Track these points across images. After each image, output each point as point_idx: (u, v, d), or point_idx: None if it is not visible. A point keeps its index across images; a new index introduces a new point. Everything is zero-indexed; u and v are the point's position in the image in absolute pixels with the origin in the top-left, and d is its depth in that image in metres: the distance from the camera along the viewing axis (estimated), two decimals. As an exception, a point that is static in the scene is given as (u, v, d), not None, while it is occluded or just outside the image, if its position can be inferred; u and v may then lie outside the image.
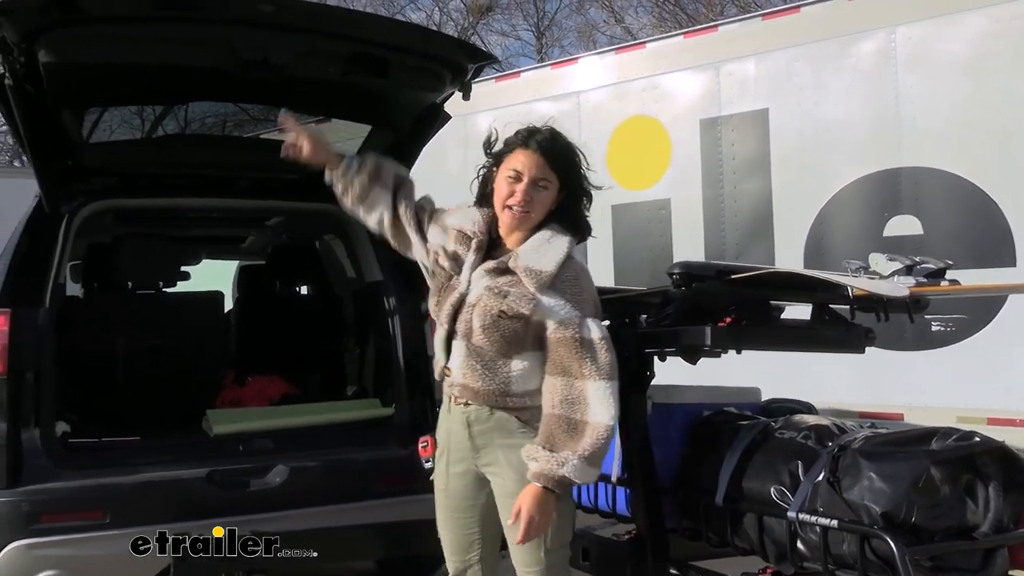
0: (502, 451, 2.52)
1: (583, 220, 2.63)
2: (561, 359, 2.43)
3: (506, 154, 2.54)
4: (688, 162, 6.94)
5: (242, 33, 3.31)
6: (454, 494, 2.63)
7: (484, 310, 2.46)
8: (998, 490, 2.35)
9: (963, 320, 5.77)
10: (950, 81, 5.88)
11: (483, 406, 2.51)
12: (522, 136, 2.54)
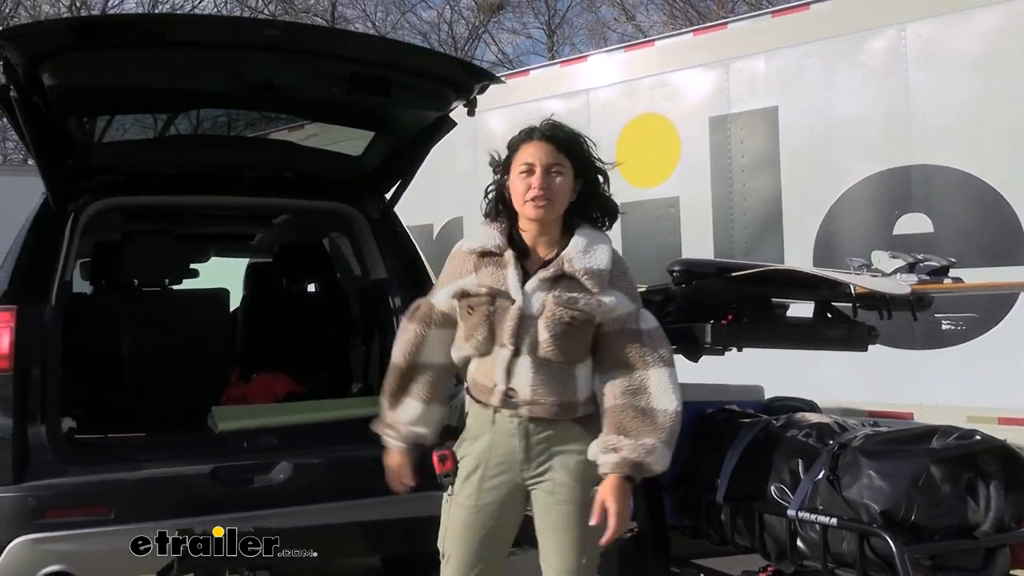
0: (559, 459, 2.45)
1: (609, 201, 2.59)
2: (622, 353, 2.43)
3: (513, 155, 2.50)
4: (697, 160, 6.92)
5: (247, 57, 3.37)
6: (487, 509, 2.49)
7: (552, 320, 2.40)
8: (999, 489, 2.34)
9: (974, 319, 5.73)
10: (961, 78, 5.84)
11: (549, 418, 2.43)
12: (524, 132, 2.53)
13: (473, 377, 2.51)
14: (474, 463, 2.50)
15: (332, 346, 4.60)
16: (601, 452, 2.38)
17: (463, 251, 2.53)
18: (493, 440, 2.48)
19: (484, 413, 2.49)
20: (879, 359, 5.93)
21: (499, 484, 2.48)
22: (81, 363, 3.94)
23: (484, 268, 2.46)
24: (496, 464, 2.48)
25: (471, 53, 25.33)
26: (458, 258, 2.54)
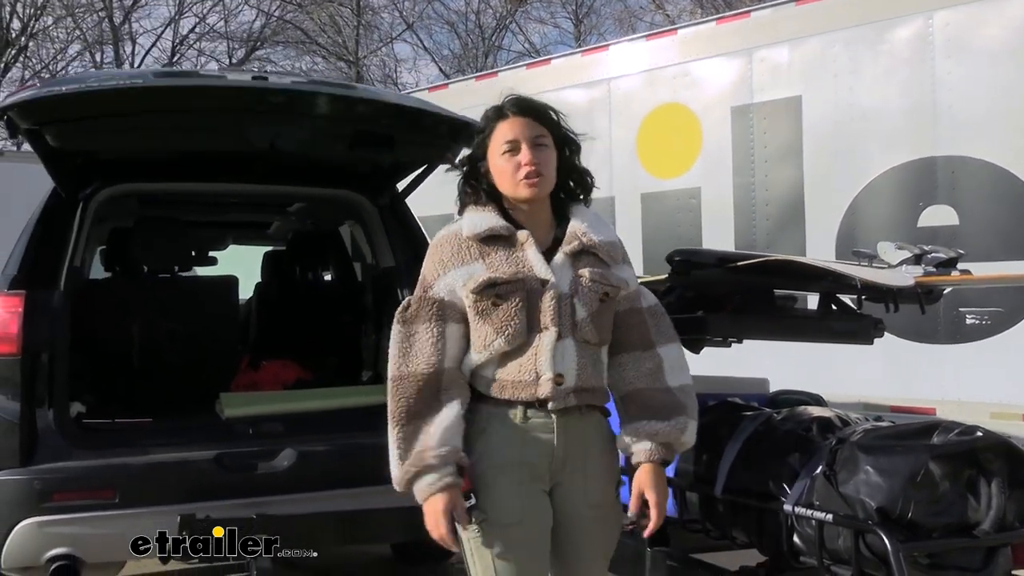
0: (592, 456, 2.25)
1: (586, 174, 2.41)
2: (635, 333, 2.29)
3: (488, 137, 2.29)
4: (719, 150, 6.85)
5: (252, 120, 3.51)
6: (532, 521, 2.19)
7: (588, 297, 2.21)
8: (1001, 487, 2.28)
9: (999, 313, 5.62)
10: (990, 68, 5.72)
11: (582, 408, 2.22)
12: (494, 110, 2.31)
13: (498, 376, 2.20)
14: (510, 474, 2.17)
15: (343, 334, 4.61)
16: (634, 441, 2.21)
17: (461, 238, 2.24)
18: (525, 444, 2.19)
19: (511, 414, 2.20)
20: (901, 353, 5.85)
21: (536, 492, 2.20)
22: (91, 349, 3.98)
23: (494, 254, 2.21)
24: (531, 470, 2.19)
25: (498, 43, 25.29)
26: (453, 246, 2.24)
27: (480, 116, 2.35)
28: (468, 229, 2.25)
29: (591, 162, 3.56)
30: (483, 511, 2.11)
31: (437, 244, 2.29)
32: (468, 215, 2.29)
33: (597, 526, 2.27)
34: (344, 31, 24.16)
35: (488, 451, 2.18)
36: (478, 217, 2.26)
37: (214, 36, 24.79)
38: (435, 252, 2.27)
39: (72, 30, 23.16)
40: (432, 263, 2.27)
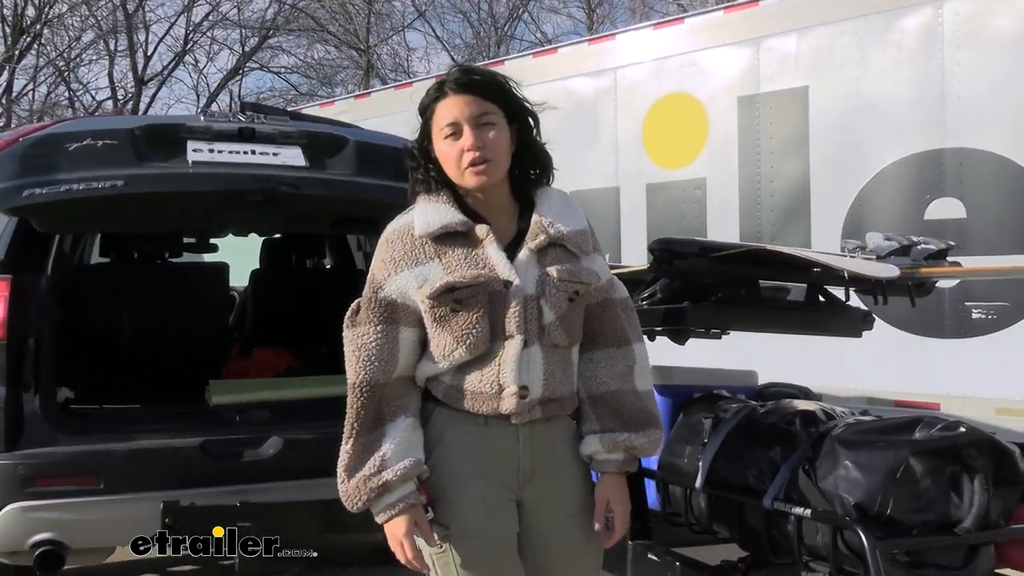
0: (565, 465, 2.11)
1: (544, 151, 2.16)
2: (608, 328, 2.12)
3: (430, 119, 2.06)
4: (725, 140, 6.78)
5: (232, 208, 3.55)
6: (496, 534, 2.03)
7: (556, 298, 2.01)
8: (984, 484, 2.22)
9: (1005, 308, 5.55)
10: (999, 59, 5.63)
11: (555, 415, 2.07)
12: (435, 88, 2.08)
13: (457, 386, 2.01)
14: (473, 485, 2.01)
15: (336, 322, 4.58)
16: (608, 451, 2.07)
17: (413, 235, 2.01)
18: (488, 453, 2.03)
19: (472, 425, 2.02)
20: (906, 347, 5.79)
21: (501, 502, 2.04)
22: (80, 334, 3.97)
23: (450, 252, 1.99)
24: (496, 483, 2.03)
25: (510, 32, 25.23)
26: (406, 243, 2.01)
27: (428, 88, 2.11)
28: (420, 227, 2.01)
29: (596, 152, 3.57)
30: (444, 525, 1.97)
31: (387, 240, 2.04)
32: (420, 207, 2.05)
33: (580, 537, 2.11)
34: (355, 19, 24.15)
35: (448, 460, 2.01)
36: (431, 210, 2.03)
37: (227, 24, 24.87)
38: (385, 249, 2.04)
39: (86, 18, 23.27)
40: (381, 261, 2.03)
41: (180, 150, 3.42)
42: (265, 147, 3.51)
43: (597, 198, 7.39)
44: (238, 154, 3.46)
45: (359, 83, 23.54)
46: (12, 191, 3.22)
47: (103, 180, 3.22)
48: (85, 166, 3.29)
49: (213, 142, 3.47)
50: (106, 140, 3.32)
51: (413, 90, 9.06)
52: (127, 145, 3.35)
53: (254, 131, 3.51)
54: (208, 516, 3.25)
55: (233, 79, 24.41)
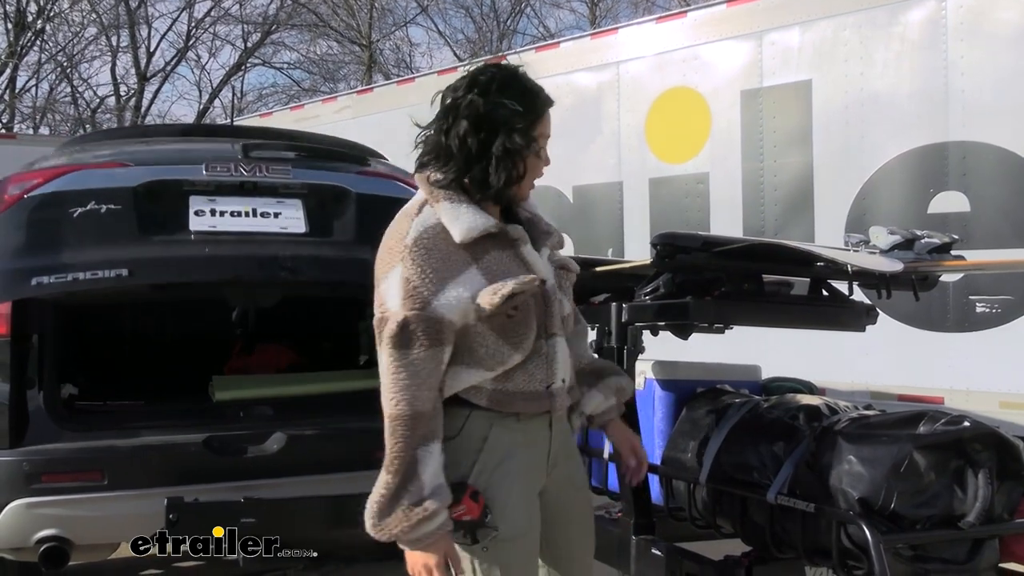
0: (570, 446, 2.21)
1: None
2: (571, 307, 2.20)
3: (538, 122, 2.00)
4: (728, 135, 6.77)
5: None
6: (535, 529, 2.07)
7: (567, 291, 2.11)
8: (988, 478, 2.21)
9: (1009, 301, 5.54)
10: (1003, 51, 5.61)
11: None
12: (545, 92, 2.04)
13: (504, 390, 1.99)
14: (519, 486, 2.02)
15: (340, 318, 4.59)
16: (605, 399, 2.23)
17: (449, 241, 1.92)
18: (528, 447, 2.04)
19: (512, 423, 2.01)
20: (910, 341, 5.78)
21: (535, 498, 2.08)
22: (87, 331, 3.98)
23: (485, 256, 1.93)
24: (533, 478, 2.06)
25: (513, 27, 25.19)
26: (442, 250, 1.91)
27: (522, 85, 1.99)
28: (462, 233, 1.91)
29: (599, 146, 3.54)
30: (494, 527, 1.96)
31: (423, 248, 1.90)
32: (448, 209, 1.93)
33: (588, 509, 2.24)
34: (358, 15, 24.13)
35: (493, 463, 1.99)
36: (465, 214, 1.93)
37: (229, 20, 24.87)
38: (423, 258, 1.89)
39: (88, 13, 23.27)
40: (422, 272, 1.88)
41: (182, 212, 3.43)
42: (267, 202, 3.51)
43: (600, 193, 7.38)
44: (239, 216, 3.46)
45: (361, 78, 23.52)
46: (21, 277, 3.26)
47: (108, 268, 3.24)
48: (90, 241, 3.32)
49: (215, 197, 3.47)
50: (109, 204, 3.33)
51: (416, 85, 9.05)
52: (130, 209, 3.36)
53: (256, 184, 3.52)
54: (212, 512, 3.24)
55: (235, 75, 24.41)
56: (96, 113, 25.23)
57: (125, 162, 3.48)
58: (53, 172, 3.44)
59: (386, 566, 4.59)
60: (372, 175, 3.73)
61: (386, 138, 8.02)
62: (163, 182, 3.45)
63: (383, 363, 1.92)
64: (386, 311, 1.90)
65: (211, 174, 3.48)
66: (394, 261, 1.92)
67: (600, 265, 3.09)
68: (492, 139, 1.94)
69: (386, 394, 1.92)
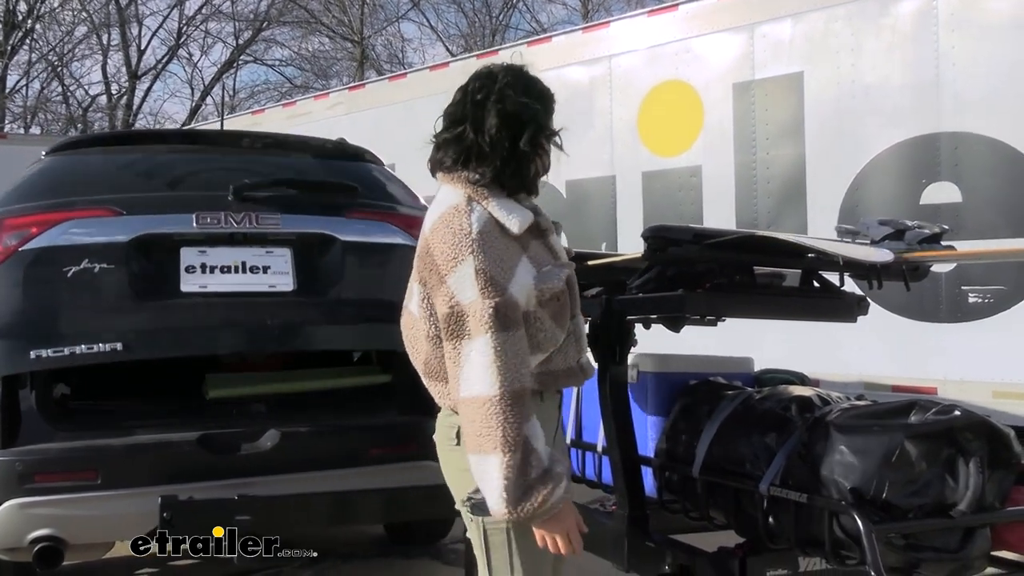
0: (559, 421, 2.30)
1: None
2: None
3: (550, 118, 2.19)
4: (720, 127, 6.77)
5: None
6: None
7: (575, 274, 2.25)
8: (979, 467, 2.22)
9: (1002, 291, 5.55)
10: (994, 42, 5.61)
11: None
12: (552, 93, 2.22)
13: (548, 371, 2.11)
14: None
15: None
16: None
17: (508, 235, 2.03)
18: (549, 422, 2.12)
19: (543, 404, 2.11)
20: (903, 332, 5.79)
21: None
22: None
23: (530, 245, 2.07)
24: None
25: (505, 22, 25.16)
26: (502, 242, 2.02)
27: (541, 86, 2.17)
28: (517, 225, 2.03)
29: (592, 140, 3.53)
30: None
31: (488, 240, 1.99)
32: (497, 203, 2.05)
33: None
34: (349, 11, 24.08)
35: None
36: (513, 207, 2.06)
37: (220, 17, 24.81)
38: (491, 249, 1.99)
39: (78, 12, 23.20)
40: (493, 262, 1.97)
41: (174, 268, 3.49)
42: (256, 253, 3.57)
43: (593, 187, 7.38)
44: (228, 272, 3.53)
45: (353, 75, 23.48)
46: (18, 351, 3.30)
47: (103, 341, 3.31)
48: (85, 307, 3.38)
49: (206, 248, 3.53)
50: (102, 263, 3.37)
51: (408, 81, 9.03)
52: (122, 268, 3.41)
53: (245, 235, 3.56)
54: (206, 510, 3.24)
55: (227, 72, 24.35)
56: (87, 112, 25.17)
57: (117, 209, 3.48)
58: (46, 219, 3.43)
59: (381, 563, 4.62)
60: (360, 216, 3.75)
61: (379, 134, 8.03)
62: (154, 236, 3.49)
63: (472, 351, 1.94)
64: (461, 303, 1.96)
65: (202, 226, 3.51)
66: (461, 254, 1.98)
67: (592, 259, 3.09)
68: (521, 136, 2.07)
69: (486, 378, 1.92)
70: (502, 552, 2.03)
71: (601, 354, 2.78)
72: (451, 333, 1.97)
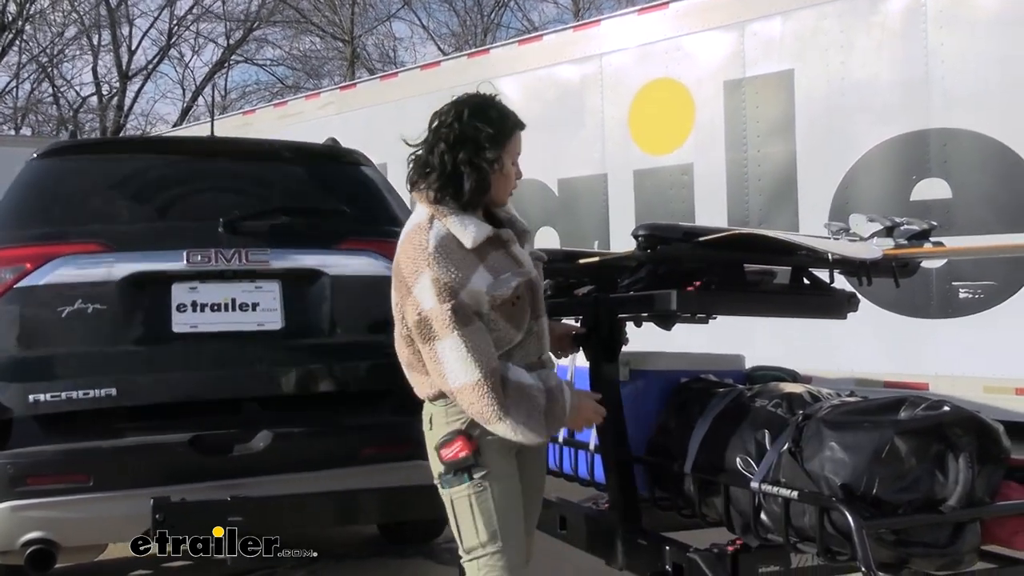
0: None
1: None
2: None
3: (508, 142, 2.35)
4: (711, 125, 6.80)
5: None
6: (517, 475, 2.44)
7: (541, 278, 2.52)
8: (969, 462, 2.23)
9: (992, 287, 5.58)
10: (982, 39, 5.65)
11: None
12: (514, 117, 2.39)
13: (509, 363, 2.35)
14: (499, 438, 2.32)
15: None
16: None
17: (463, 248, 2.28)
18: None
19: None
20: (895, 328, 5.82)
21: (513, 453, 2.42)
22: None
23: (490, 255, 2.31)
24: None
25: (497, 21, 25.16)
26: (457, 254, 2.27)
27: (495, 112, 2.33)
28: (471, 239, 2.27)
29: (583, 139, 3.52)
30: (484, 467, 2.32)
31: (442, 254, 2.25)
32: (455, 220, 2.29)
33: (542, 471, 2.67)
34: (340, 10, 24.04)
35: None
36: (471, 223, 2.30)
37: (211, 17, 24.75)
38: (444, 261, 2.24)
39: (68, 13, 23.12)
40: (445, 272, 2.24)
41: (165, 306, 3.53)
42: (245, 288, 3.62)
43: (585, 185, 7.39)
44: (219, 310, 3.59)
45: (344, 74, 23.46)
46: (17, 395, 3.33)
47: (97, 387, 3.36)
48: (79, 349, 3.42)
49: (197, 284, 3.57)
50: (95, 304, 3.42)
51: (399, 80, 9.02)
52: (115, 307, 3.45)
53: (235, 272, 3.61)
54: (199, 511, 3.23)
55: (219, 72, 24.30)
56: (78, 113, 25.09)
57: (108, 244, 3.51)
58: (40, 252, 3.46)
59: (376, 563, 4.62)
60: (350, 247, 3.79)
61: (370, 134, 8.02)
62: (147, 274, 3.53)
63: (444, 349, 2.24)
64: (425, 310, 2.26)
65: (192, 264, 3.56)
66: (420, 268, 2.27)
67: (583, 257, 3.09)
68: (464, 156, 2.30)
69: (465, 369, 2.22)
70: (467, 515, 2.33)
71: (593, 352, 2.78)
72: (423, 337, 2.27)
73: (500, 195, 2.40)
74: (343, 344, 3.74)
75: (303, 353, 3.68)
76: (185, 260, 3.55)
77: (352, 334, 3.74)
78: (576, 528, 3.00)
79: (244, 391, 3.59)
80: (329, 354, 3.71)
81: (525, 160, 2.44)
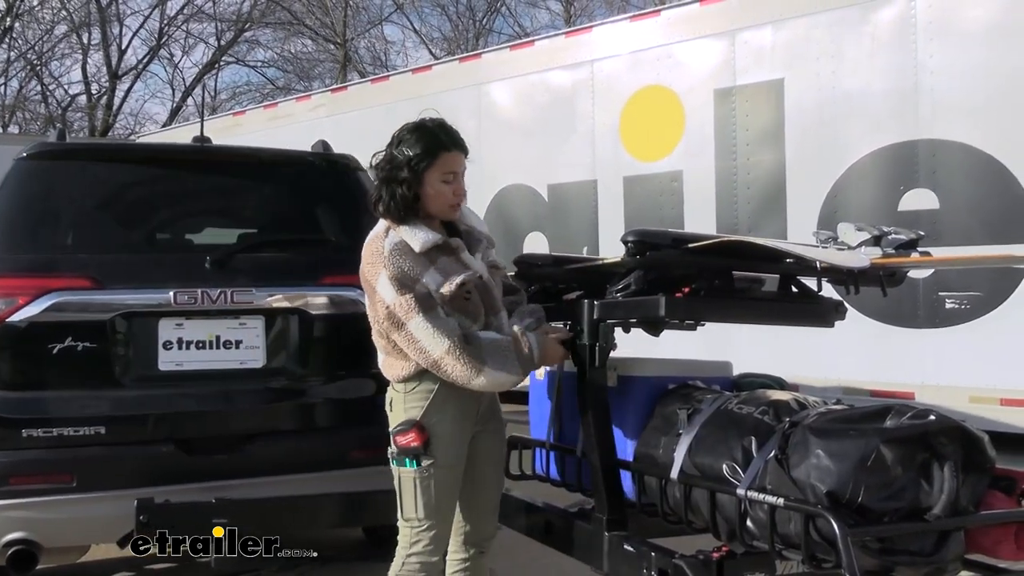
0: (496, 402, 2.90)
1: None
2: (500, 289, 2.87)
3: (434, 162, 2.64)
4: (701, 133, 6.82)
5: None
6: (462, 463, 2.75)
7: (496, 280, 2.80)
8: (954, 471, 2.23)
9: (978, 297, 5.61)
10: (972, 50, 5.68)
11: None
12: (437, 140, 2.66)
13: None
14: (452, 428, 2.70)
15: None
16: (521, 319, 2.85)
17: (413, 252, 2.62)
18: (468, 403, 2.72)
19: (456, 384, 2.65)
20: (881, 337, 5.84)
21: (467, 439, 2.76)
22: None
23: (440, 259, 2.65)
24: (470, 422, 2.75)
25: (489, 26, 25.18)
26: (408, 257, 2.62)
27: (421, 137, 2.65)
28: (420, 245, 2.62)
29: (574, 144, 3.53)
30: (432, 456, 2.65)
31: (396, 256, 2.60)
32: (407, 229, 2.64)
33: (501, 456, 2.96)
34: (332, 13, 24.01)
35: (443, 409, 2.67)
36: (419, 232, 2.64)
37: (202, 17, 24.68)
38: (399, 262, 2.60)
39: (58, 11, 23.01)
40: (400, 269, 2.60)
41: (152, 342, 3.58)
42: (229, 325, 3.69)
43: (575, 191, 7.40)
44: (203, 348, 3.64)
45: (336, 77, 23.42)
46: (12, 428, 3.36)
47: (88, 425, 3.42)
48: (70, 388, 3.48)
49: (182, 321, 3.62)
50: (84, 342, 3.47)
51: (390, 84, 9.02)
52: (104, 344, 3.50)
53: (220, 310, 3.66)
54: (183, 513, 3.22)
55: (209, 73, 24.22)
56: (67, 111, 24.97)
57: (98, 280, 3.53)
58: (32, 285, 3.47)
59: (361, 567, 4.60)
60: (333, 282, 3.82)
61: (361, 137, 8.01)
62: (135, 312, 3.57)
63: (414, 330, 2.57)
64: (388, 303, 2.60)
65: (179, 305, 3.60)
66: (378, 269, 2.63)
67: (572, 263, 3.09)
68: (386, 176, 2.67)
69: (434, 341, 2.57)
70: (410, 493, 2.68)
71: (580, 358, 2.78)
72: (394, 326, 2.60)
73: (437, 209, 2.69)
74: (326, 383, 3.82)
75: (283, 392, 3.75)
76: (173, 300, 3.59)
77: (333, 369, 3.81)
78: (562, 533, 3.00)
79: (224, 428, 3.63)
80: (310, 393, 3.79)
81: (515, 165, 2.48)
